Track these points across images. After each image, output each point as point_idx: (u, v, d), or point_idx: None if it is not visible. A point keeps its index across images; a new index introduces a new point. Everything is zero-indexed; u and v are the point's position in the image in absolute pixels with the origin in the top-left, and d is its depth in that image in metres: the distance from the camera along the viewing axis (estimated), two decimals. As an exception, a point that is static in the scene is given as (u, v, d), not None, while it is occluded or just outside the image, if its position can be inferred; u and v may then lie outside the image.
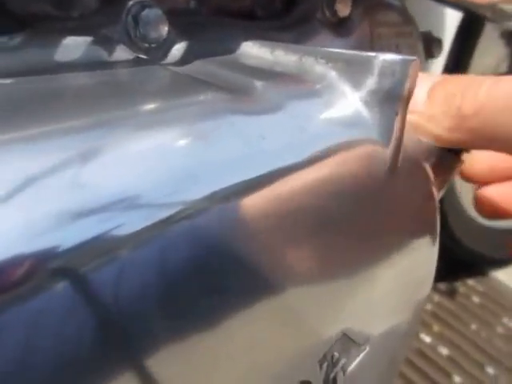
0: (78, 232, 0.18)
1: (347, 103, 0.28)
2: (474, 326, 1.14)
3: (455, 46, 0.88)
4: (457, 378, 1.02)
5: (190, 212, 0.21)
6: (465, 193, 1.17)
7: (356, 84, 0.28)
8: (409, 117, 0.31)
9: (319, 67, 0.29)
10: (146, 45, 0.27)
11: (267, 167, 0.23)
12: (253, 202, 0.23)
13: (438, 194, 0.42)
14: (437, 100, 0.31)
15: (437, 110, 0.31)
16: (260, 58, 0.30)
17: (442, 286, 1.23)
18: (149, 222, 0.20)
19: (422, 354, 1.06)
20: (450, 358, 1.06)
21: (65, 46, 0.25)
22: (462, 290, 1.23)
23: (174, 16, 0.29)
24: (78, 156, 0.20)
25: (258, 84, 0.27)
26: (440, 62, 0.83)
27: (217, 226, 0.22)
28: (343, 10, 0.37)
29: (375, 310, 0.33)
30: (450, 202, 1.14)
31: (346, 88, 0.28)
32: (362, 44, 0.38)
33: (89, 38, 0.26)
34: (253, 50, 0.30)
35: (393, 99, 0.28)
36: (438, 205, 0.36)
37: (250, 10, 0.35)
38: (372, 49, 0.39)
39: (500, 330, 1.13)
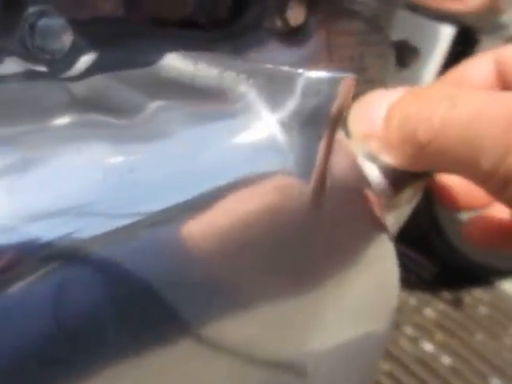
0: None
1: (261, 126, 0.25)
2: (479, 337, 1.10)
3: (449, 59, 0.83)
4: (458, 389, 0.98)
5: None
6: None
7: (275, 104, 0.25)
8: (367, 143, 0.30)
9: (239, 84, 0.26)
10: (48, 56, 0.25)
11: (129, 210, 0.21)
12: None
13: (402, 215, 0.40)
14: (393, 124, 0.29)
15: (394, 136, 0.29)
16: (181, 70, 0.28)
17: (447, 295, 1.19)
18: None
19: (422, 362, 1.03)
20: (452, 369, 1.03)
21: None
22: (468, 300, 1.19)
23: (93, 25, 0.27)
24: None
25: (153, 105, 0.25)
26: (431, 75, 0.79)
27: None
28: (296, 18, 0.34)
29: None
30: (446, 215, 1.09)
31: (263, 109, 0.26)
32: (317, 55, 0.35)
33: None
34: (176, 62, 0.28)
35: (316, 122, 0.25)
36: (388, 230, 0.34)
37: (192, 19, 0.33)
38: (330, 60, 0.37)
39: (508, 341, 1.10)
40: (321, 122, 0.25)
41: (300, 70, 0.25)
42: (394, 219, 0.42)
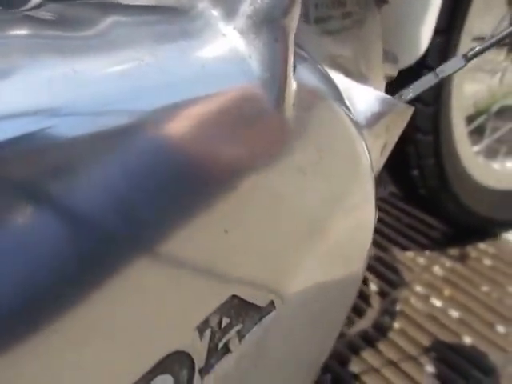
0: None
1: (218, 37, 0.25)
2: (485, 288, 1.14)
3: (448, 1, 0.84)
4: (467, 339, 1.03)
5: None
6: (468, 156, 1.14)
7: (229, 11, 0.24)
8: None
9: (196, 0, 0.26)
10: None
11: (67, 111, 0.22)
12: None
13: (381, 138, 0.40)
14: None
15: None
16: None
17: (453, 251, 1.23)
18: None
19: (432, 317, 1.07)
20: (460, 321, 1.06)
21: None
22: (474, 254, 1.22)
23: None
24: None
25: (108, 19, 0.24)
26: (429, 21, 0.81)
27: None
28: None
29: (281, 268, 0.30)
30: (452, 167, 1.10)
31: (218, 18, 0.25)
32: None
33: None
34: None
35: (271, 23, 0.24)
36: (366, 150, 0.33)
37: None
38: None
39: (510, 289, 1.13)
40: (275, 24, 0.24)
41: None
42: (379, 150, 0.43)
